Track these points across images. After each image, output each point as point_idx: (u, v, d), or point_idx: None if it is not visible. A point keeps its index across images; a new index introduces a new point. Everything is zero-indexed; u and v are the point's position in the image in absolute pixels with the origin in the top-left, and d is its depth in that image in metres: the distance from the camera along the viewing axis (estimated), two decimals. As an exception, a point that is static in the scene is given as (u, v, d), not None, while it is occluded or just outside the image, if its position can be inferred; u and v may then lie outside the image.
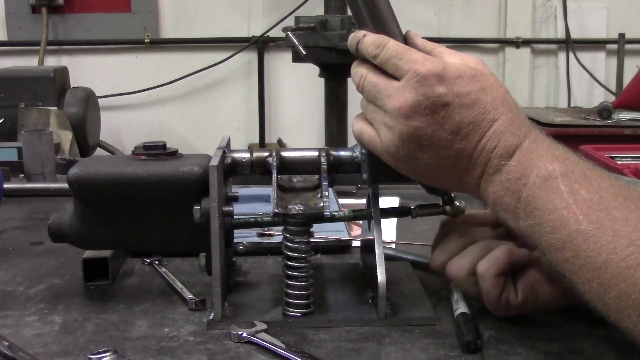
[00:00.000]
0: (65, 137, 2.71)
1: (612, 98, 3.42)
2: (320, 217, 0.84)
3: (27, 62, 3.48)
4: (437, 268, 0.87)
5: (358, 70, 0.81)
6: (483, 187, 0.77)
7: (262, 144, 3.71)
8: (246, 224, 0.91)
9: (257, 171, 0.88)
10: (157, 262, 1.02)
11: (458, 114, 0.75)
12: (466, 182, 0.78)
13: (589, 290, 0.67)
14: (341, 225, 1.16)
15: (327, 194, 0.84)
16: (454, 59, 0.78)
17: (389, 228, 1.17)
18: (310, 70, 2.72)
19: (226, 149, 0.88)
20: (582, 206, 0.68)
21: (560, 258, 0.69)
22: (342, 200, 1.34)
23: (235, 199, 0.88)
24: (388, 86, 0.77)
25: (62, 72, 2.99)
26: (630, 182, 1.32)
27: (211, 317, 0.83)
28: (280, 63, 3.70)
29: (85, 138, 2.89)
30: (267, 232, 1.12)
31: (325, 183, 0.86)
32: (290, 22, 2.86)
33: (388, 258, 0.92)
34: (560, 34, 3.73)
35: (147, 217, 0.88)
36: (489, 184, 0.76)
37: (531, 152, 0.73)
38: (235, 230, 0.94)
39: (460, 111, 0.75)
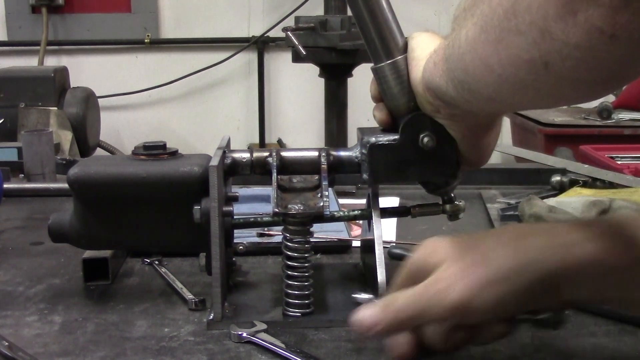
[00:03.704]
0: (65, 137, 2.72)
1: (612, 98, 3.41)
2: (320, 217, 0.84)
3: (27, 62, 3.48)
4: None
5: None
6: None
7: (262, 144, 3.71)
8: (246, 224, 0.91)
9: (257, 171, 0.88)
10: (157, 262, 1.02)
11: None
12: None
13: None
14: (341, 225, 1.16)
15: (327, 193, 0.84)
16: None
17: (389, 228, 1.17)
18: (310, 70, 2.72)
19: (226, 149, 0.88)
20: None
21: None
22: (342, 200, 1.34)
23: (235, 199, 0.88)
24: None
25: (62, 72, 3.00)
26: (630, 182, 1.32)
27: (211, 317, 0.82)
28: (280, 63, 3.70)
29: (85, 138, 2.89)
30: (267, 232, 1.12)
31: (325, 183, 0.86)
32: (290, 22, 2.86)
33: (395, 256, 0.92)
34: (560, 34, 3.72)
35: (147, 217, 0.88)
36: None
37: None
38: (235, 230, 0.94)
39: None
